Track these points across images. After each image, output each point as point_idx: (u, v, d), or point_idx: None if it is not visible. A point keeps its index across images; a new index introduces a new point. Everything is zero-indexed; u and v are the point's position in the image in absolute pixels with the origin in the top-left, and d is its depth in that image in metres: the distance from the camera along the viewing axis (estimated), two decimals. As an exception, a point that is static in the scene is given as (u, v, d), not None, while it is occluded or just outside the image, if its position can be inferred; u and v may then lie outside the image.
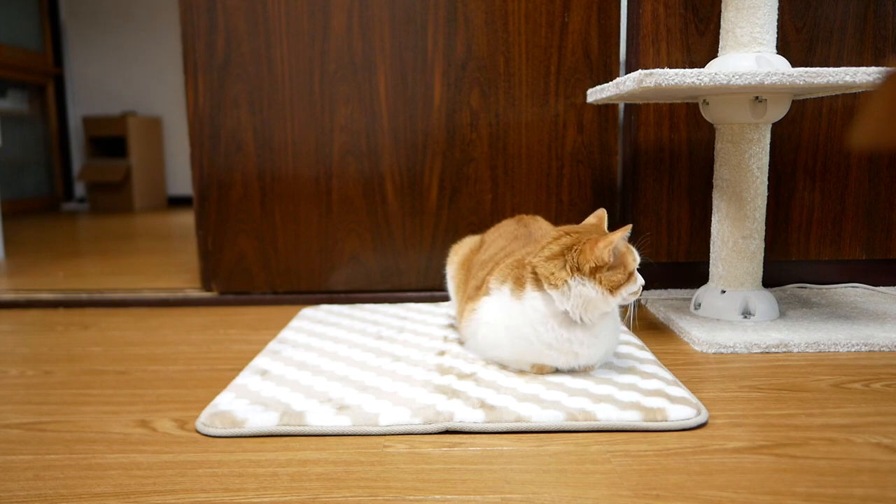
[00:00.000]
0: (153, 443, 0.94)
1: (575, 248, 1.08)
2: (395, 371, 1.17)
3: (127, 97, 5.51)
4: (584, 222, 1.19)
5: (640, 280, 1.08)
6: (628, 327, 1.46)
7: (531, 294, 1.10)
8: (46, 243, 3.09)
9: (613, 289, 1.06)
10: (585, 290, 1.06)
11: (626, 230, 1.07)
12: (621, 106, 1.79)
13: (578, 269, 1.07)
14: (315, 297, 1.79)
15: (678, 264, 1.79)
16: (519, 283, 1.13)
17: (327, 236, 1.79)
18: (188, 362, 1.29)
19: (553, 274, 1.08)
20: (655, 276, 1.79)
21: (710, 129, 1.73)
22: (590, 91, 1.54)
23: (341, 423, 0.96)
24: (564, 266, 1.08)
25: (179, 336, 1.49)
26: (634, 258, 1.08)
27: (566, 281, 1.07)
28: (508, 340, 1.14)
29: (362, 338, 1.40)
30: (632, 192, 1.76)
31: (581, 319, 1.09)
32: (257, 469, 0.85)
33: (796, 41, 1.69)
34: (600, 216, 1.18)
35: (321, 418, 0.97)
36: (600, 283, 1.06)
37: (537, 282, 1.10)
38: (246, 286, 1.81)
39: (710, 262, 1.52)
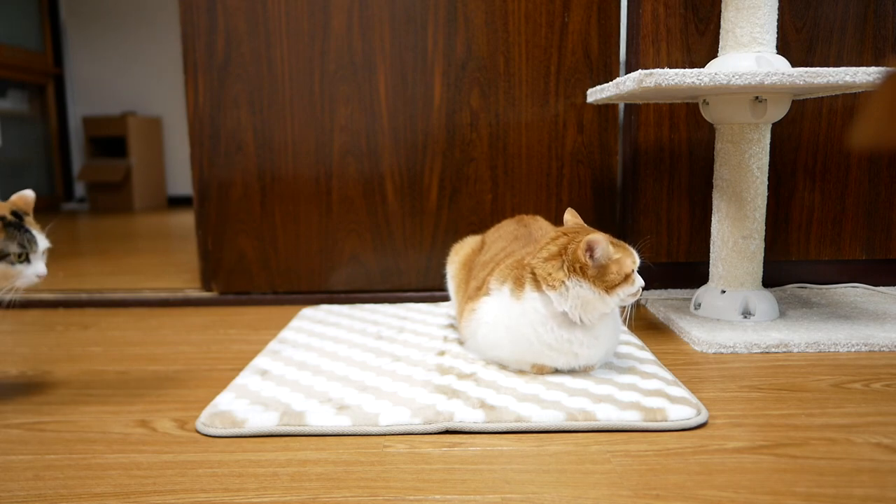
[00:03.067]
0: (153, 443, 0.94)
1: (569, 248, 1.08)
2: (395, 371, 1.17)
3: (127, 97, 5.51)
4: (575, 224, 1.18)
5: (640, 282, 1.08)
6: (625, 326, 1.46)
7: (530, 295, 1.10)
8: (46, 243, 3.09)
9: (609, 289, 1.05)
10: (582, 291, 1.06)
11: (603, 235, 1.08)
12: (621, 106, 1.79)
13: (574, 270, 1.07)
14: (315, 297, 1.79)
15: (678, 264, 1.79)
16: (518, 284, 1.13)
17: (327, 236, 1.79)
18: (188, 362, 1.29)
19: (550, 275, 1.08)
20: (655, 276, 1.78)
21: (710, 129, 1.73)
22: (590, 91, 1.54)
23: (341, 423, 0.96)
24: (562, 267, 1.08)
25: (179, 336, 1.49)
26: (634, 260, 1.08)
27: (563, 282, 1.07)
28: (508, 341, 1.14)
29: (362, 338, 1.40)
30: (632, 192, 1.77)
31: (580, 320, 1.09)
32: (257, 469, 0.85)
33: (796, 41, 1.69)
34: (574, 213, 1.19)
35: (321, 418, 0.97)
36: (594, 283, 1.05)
37: (536, 282, 1.10)
38: (246, 286, 1.81)
39: (710, 262, 1.52)
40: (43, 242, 1.09)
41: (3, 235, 1.05)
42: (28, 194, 1.13)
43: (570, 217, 1.19)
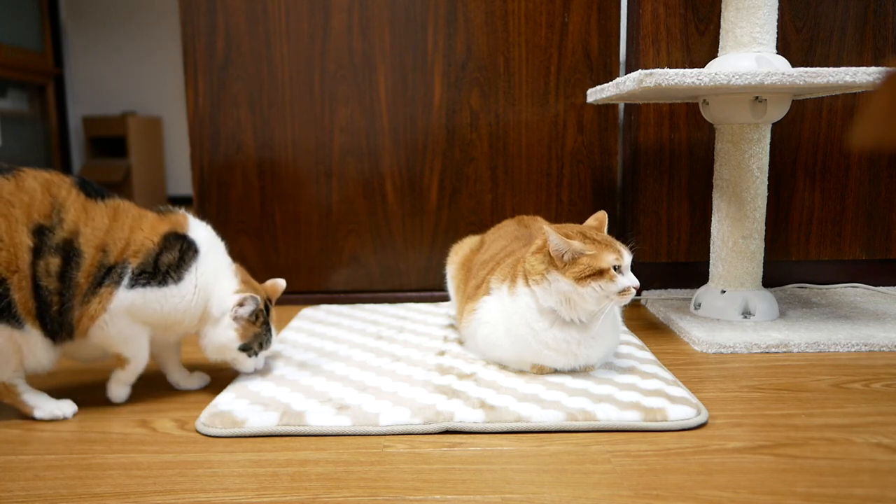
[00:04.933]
0: (153, 443, 0.94)
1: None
2: (395, 371, 1.17)
3: (127, 97, 5.51)
4: (584, 223, 1.18)
5: (628, 281, 1.05)
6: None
7: (522, 290, 1.11)
8: (46, 243, 3.08)
9: (579, 280, 1.04)
10: (561, 285, 1.06)
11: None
12: (621, 106, 1.79)
13: (551, 262, 1.07)
14: (315, 297, 1.79)
15: (678, 264, 1.78)
16: (514, 280, 1.13)
17: (327, 236, 1.79)
18: (188, 363, 1.29)
19: (534, 267, 1.09)
20: (655, 276, 1.78)
21: (710, 129, 1.73)
22: (590, 91, 1.54)
23: (341, 423, 0.96)
24: (543, 260, 1.08)
25: (179, 336, 1.49)
26: (617, 257, 1.05)
27: (544, 275, 1.07)
28: (508, 341, 1.14)
29: (362, 338, 1.40)
30: (632, 192, 1.76)
31: (573, 319, 1.08)
32: (257, 469, 0.85)
33: (796, 41, 1.69)
34: (600, 219, 1.16)
35: (321, 418, 0.97)
36: (565, 273, 1.05)
37: (526, 278, 1.11)
38: (246, 286, 1.80)
39: (710, 262, 1.52)
40: (273, 344, 1.15)
41: (258, 330, 1.10)
42: (280, 284, 1.20)
43: (593, 221, 1.16)
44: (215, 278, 1.08)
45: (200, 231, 1.10)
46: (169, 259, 1.03)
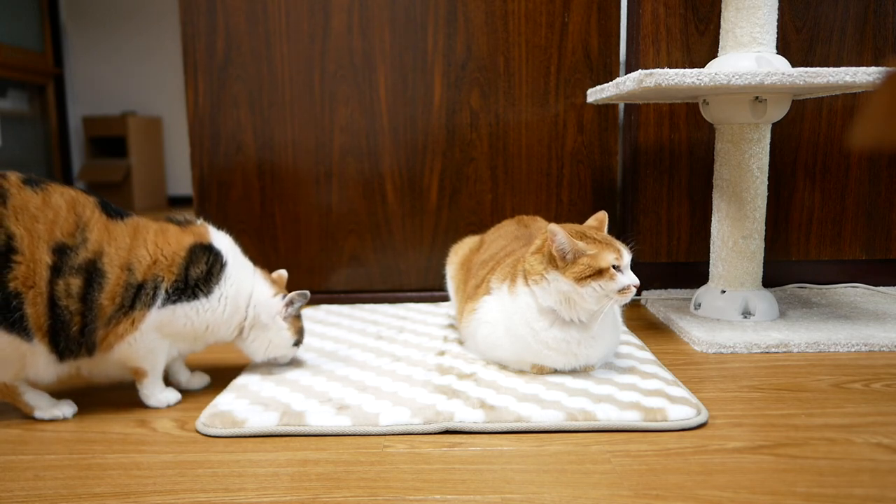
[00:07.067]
0: (153, 443, 0.94)
1: (548, 241, 1.07)
2: (395, 371, 1.17)
3: (127, 97, 5.51)
4: (585, 223, 1.18)
5: (627, 279, 1.05)
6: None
7: (522, 290, 1.11)
8: (46, 243, 3.08)
9: (578, 280, 1.04)
10: (560, 284, 1.06)
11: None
12: (621, 106, 1.79)
13: (551, 262, 1.07)
14: (315, 297, 1.79)
15: (678, 264, 1.78)
16: (514, 280, 1.13)
17: (327, 236, 1.79)
18: (188, 362, 1.29)
19: (533, 267, 1.09)
20: (655, 276, 1.78)
21: (710, 129, 1.73)
22: (590, 91, 1.54)
23: (341, 422, 0.96)
24: (542, 259, 1.08)
25: (179, 336, 1.49)
26: (617, 256, 1.05)
27: (543, 275, 1.07)
28: (508, 340, 1.14)
29: (362, 338, 1.40)
30: (632, 192, 1.76)
31: (574, 319, 1.08)
32: (257, 469, 0.85)
33: (796, 41, 1.69)
34: (600, 219, 1.16)
35: (321, 418, 0.97)
36: (564, 273, 1.05)
37: (525, 277, 1.11)
38: (246, 286, 1.80)
39: (710, 262, 1.52)
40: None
41: (300, 324, 1.18)
42: (284, 274, 1.26)
43: (593, 221, 1.16)
44: (248, 286, 1.12)
45: (223, 241, 1.12)
46: (197, 272, 1.04)
